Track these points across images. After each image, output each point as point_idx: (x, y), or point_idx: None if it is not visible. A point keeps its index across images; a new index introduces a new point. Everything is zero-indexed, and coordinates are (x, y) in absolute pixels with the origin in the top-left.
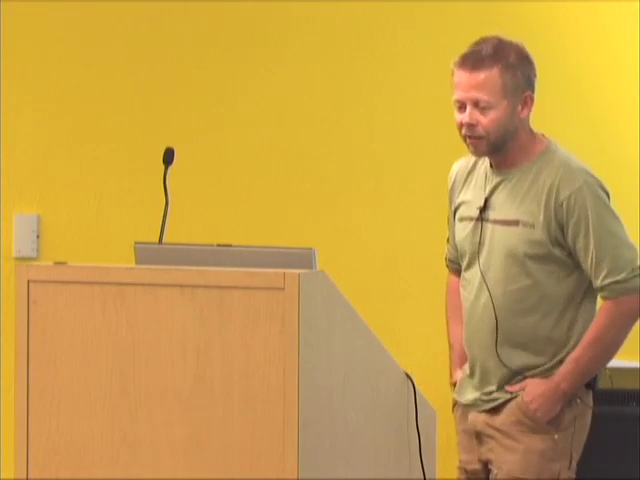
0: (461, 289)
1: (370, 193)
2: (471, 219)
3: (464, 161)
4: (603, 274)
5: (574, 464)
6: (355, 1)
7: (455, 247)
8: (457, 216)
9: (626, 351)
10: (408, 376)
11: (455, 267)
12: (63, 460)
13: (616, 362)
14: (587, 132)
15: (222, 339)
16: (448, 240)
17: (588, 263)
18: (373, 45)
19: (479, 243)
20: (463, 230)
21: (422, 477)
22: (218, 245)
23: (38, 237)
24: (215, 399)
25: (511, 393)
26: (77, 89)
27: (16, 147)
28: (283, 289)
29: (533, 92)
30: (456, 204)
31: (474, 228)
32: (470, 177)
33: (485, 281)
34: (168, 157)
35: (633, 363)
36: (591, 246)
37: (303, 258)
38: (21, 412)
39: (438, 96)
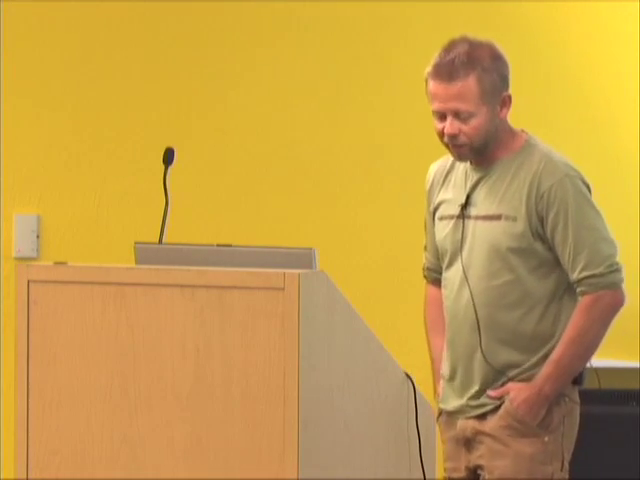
0: (442, 289)
1: (370, 193)
2: (452, 217)
3: (442, 162)
4: (580, 267)
5: (566, 464)
6: (355, 1)
7: (434, 254)
8: (437, 215)
9: (626, 351)
10: (408, 376)
11: (434, 276)
12: (63, 460)
13: (616, 362)
14: (587, 132)
15: (222, 339)
16: (425, 248)
17: (566, 256)
18: (372, 45)
19: (461, 240)
20: (443, 229)
21: (422, 477)
22: (218, 245)
23: (38, 237)
24: (215, 399)
25: (499, 399)
26: (77, 89)
27: (16, 147)
28: (283, 289)
29: (509, 89)
30: (435, 204)
31: (455, 226)
32: (449, 176)
33: (467, 278)
34: (168, 157)
35: (633, 363)
36: (569, 239)
37: (303, 258)
38: (21, 412)
39: None
